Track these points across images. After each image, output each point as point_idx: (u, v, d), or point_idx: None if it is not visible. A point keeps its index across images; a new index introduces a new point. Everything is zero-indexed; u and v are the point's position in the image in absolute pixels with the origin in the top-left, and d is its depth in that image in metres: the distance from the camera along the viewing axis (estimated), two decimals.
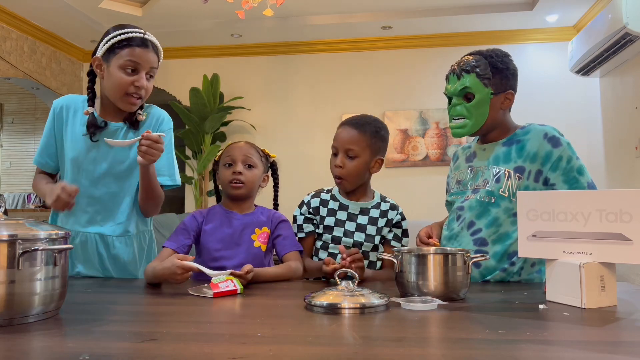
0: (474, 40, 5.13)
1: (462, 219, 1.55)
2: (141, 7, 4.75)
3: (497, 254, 1.48)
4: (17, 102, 6.97)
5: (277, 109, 5.46)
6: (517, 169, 1.49)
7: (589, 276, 1.09)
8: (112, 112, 1.61)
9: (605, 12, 3.84)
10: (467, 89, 1.53)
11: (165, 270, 1.30)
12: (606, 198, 1.11)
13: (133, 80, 1.52)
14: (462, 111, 1.55)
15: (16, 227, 0.95)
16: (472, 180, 1.57)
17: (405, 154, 5.20)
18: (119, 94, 1.53)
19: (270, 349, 0.79)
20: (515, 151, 1.52)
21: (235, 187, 1.57)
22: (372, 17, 4.83)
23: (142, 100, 1.58)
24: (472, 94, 1.53)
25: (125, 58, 1.50)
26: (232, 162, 1.58)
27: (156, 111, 1.69)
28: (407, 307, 1.07)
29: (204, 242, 1.57)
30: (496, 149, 1.56)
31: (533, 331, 0.89)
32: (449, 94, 1.58)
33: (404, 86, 5.28)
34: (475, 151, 1.64)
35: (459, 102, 1.56)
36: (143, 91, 1.54)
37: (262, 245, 1.58)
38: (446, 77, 1.61)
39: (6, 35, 4.57)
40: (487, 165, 1.55)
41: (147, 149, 1.43)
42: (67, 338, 0.88)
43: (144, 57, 1.52)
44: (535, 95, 5.04)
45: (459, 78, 1.55)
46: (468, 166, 1.62)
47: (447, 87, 1.60)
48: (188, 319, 1.01)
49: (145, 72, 1.53)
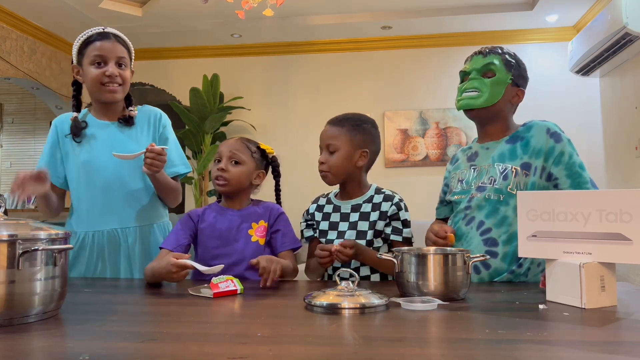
0: (474, 40, 5.13)
1: (470, 218, 1.53)
2: (141, 7, 4.75)
3: (507, 254, 1.46)
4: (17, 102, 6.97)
5: (277, 109, 5.46)
6: (523, 165, 1.49)
7: (589, 276, 1.09)
8: (104, 112, 1.68)
9: (605, 12, 3.84)
10: (491, 66, 1.56)
11: (162, 269, 1.31)
12: (606, 198, 1.11)
13: (103, 71, 1.59)
14: (478, 85, 1.56)
15: (16, 227, 0.95)
16: (476, 178, 1.56)
17: (405, 154, 5.20)
18: (95, 88, 1.61)
19: (270, 349, 0.79)
20: (520, 148, 1.51)
21: (219, 184, 1.57)
22: (372, 17, 4.83)
23: (122, 87, 1.64)
24: (494, 73, 1.56)
25: (91, 54, 1.59)
26: (219, 158, 1.59)
27: (151, 109, 1.75)
28: (407, 307, 1.07)
29: (201, 241, 1.57)
30: (500, 147, 1.55)
31: (533, 331, 0.89)
32: (469, 69, 1.59)
33: (404, 86, 5.28)
34: (477, 150, 1.63)
35: (476, 77, 1.57)
36: (118, 78, 1.61)
37: (260, 239, 1.57)
38: (465, 61, 1.62)
39: (6, 35, 4.57)
40: (491, 163, 1.54)
41: (152, 161, 1.51)
42: (67, 338, 0.88)
43: (107, 47, 1.60)
44: (535, 95, 5.03)
45: (485, 56, 1.57)
46: (470, 165, 1.61)
47: (465, 65, 1.62)
48: (188, 319, 1.01)
49: (114, 62, 1.60)
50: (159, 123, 1.73)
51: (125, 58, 1.63)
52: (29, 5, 4.44)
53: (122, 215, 1.64)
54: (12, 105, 7.01)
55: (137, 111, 1.70)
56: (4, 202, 1.05)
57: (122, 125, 1.68)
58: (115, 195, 1.63)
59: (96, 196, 1.62)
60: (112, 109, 1.68)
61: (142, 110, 1.73)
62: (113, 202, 1.63)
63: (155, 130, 1.72)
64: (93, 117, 1.68)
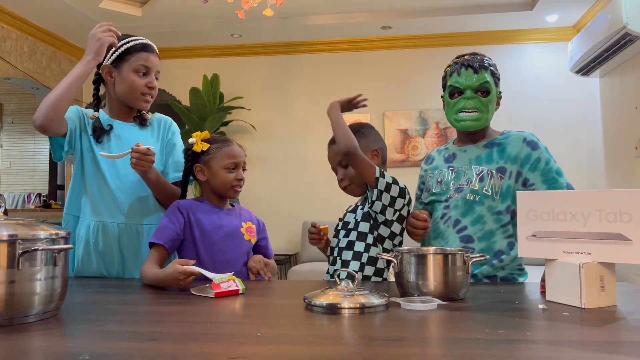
0: (474, 40, 5.13)
1: (447, 217, 1.58)
2: (141, 7, 4.75)
3: (482, 250, 1.52)
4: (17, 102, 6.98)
5: (277, 109, 5.47)
6: (499, 169, 1.55)
7: (589, 276, 1.09)
8: (122, 113, 1.74)
9: (605, 12, 3.84)
10: (486, 84, 1.57)
11: (168, 277, 1.31)
12: (606, 198, 1.11)
13: (146, 82, 1.68)
14: (477, 105, 1.58)
15: (16, 227, 0.95)
16: (454, 179, 1.61)
17: (405, 154, 5.20)
18: (134, 95, 1.68)
19: (270, 349, 0.79)
20: (496, 153, 1.58)
21: (238, 191, 1.65)
22: (372, 17, 4.83)
23: (154, 98, 1.73)
24: (488, 92, 1.58)
25: (138, 63, 1.66)
26: (236, 167, 1.63)
27: (161, 116, 1.83)
28: (407, 307, 1.07)
29: (201, 239, 1.57)
30: (477, 151, 1.61)
31: (533, 331, 0.89)
32: (464, 87, 1.59)
33: (404, 86, 5.28)
34: (455, 152, 1.67)
35: (472, 96, 1.58)
36: (155, 90, 1.71)
37: (251, 238, 1.65)
38: (452, 72, 1.62)
39: (6, 35, 4.57)
40: (468, 165, 1.60)
41: (137, 161, 1.54)
42: (67, 338, 0.88)
43: (152, 61, 1.69)
44: (535, 96, 5.04)
45: (476, 72, 1.57)
46: (448, 166, 1.65)
47: (457, 79, 1.60)
48: (188, 319, 1.01)
49: (154, 74, 1.70)
50: (168, 129, 1.80)
51: (159, 71, 1.73)
52: (29, 6, 4.44)
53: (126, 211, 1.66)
54: (12, 105, 7.02)
55: (150, 114, 1.79)
56: (4, 202, 1.05)
57: (137, 126, 1.75)
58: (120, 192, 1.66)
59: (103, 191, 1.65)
60: (131, 112, 1.75)
61: (155, 116, 1.82)
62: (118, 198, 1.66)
63: (164, 135, 1.79)
64: (106, 116, 1.72)
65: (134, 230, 1.66)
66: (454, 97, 1.62)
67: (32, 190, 6.78)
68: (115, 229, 1.64)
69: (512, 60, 5.08)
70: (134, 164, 1.55)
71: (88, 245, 1.63)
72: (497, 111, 1.65)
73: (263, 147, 5.42)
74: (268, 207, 5.22)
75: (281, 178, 5.35)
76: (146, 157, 1.55)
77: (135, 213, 1.67)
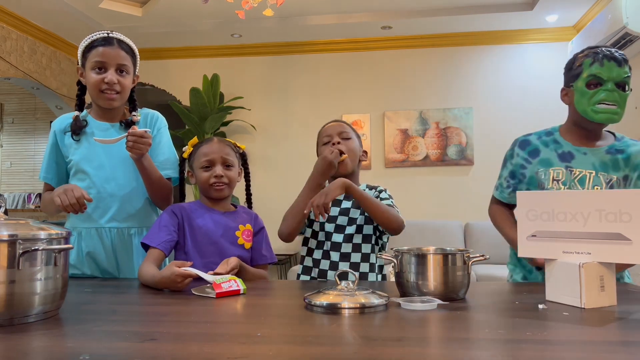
0: (474, 40, 5.13)
1: None
2: (141, 7, 4.75)
3: None
4: (17, 102, 6.97)
5: (277, 109, 5.46)
6: (624, 177, 1.54)
7: (589, 276, 1.09)
8: (104, 115, 1.69)
9: (605, 12, 3.84)
10: (627, 79, 1.51)
11: (165, 279, 1.31)
12: (606, 198, 1.11)
13: (102, 77, 1.58)
14: (617, 98, 1.51)
15: (16, 227, 0.95)
16: (578, 184, 1.54)
17: (405, 154, 5.20)
18: (94, 93, 1.61)
19: (270, 349, 0.79)
20: (622, 161, 1.55)
21: (219, 189, 1.59)
22: (372, 17, 4.83)
23: (121, 95, 1.62)
24: (627, 87, 1.52)
25: (93, 59, 1.58)
26: (210, 164, 1.59)
27: (149, 111, 1.76)
28: (407, 307, 1.07)
29: (192, 242, 1.56)
30: (600, 156, 1.56)
31: (533, 331, 0.89)
32: (606, 78, 1.50)
33: (404, 86, 5.28)
34: (572, 152, 1.59)
35: (613, 89, 1.50)
36: (116, 86, 1.59)
37: (246, 242, 1.60)
38: (593, 61, 1.52)
39: (6, 35, 4.57)
40: (594, 171, 1.54)
41: (134, 144, 1.52)
42: (67, 338, 0.88)
43: (108, 54, 1.58)
44: (535, 96, 5.04)
45: (620, 65, 1.49)
46: (566, 166, 1.57)
47: (600, 70, 1.50)
48: (188, 319, 1.01)
49: (114, 69, 1.59)
50: (154, 126, 1.73)
51: (127, 65, 1.62)
52: (29, 6, 4.44)
53: (113, 215, 1.64)
54: (12, 105, 7.02)
55: (139, 116, 1.71)
56: (4, 202, 1.05)
57: (123, 129, 1.67)
58: (108, 195, 1.63)
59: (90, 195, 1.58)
60: (113, 112, 1.69)
61: (142, 111, 1.75)
62: (106, 202, 1.63)
63: None
64: (93, 119, 1.68)
65: (126, 235, 1.65)
66: (591, 88, 1.53)
67: (32, 190, 6.77)
68: (108, 234, 1.63)
69: (512, 60, 5.08)
70: (129, 147, 1.52)
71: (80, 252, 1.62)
72: (497, 111, 1.64)
73: (263, 147, 5.42)
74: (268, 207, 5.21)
75: (281, 178, 5.34)
76: (142, 139, 1.52)
77: (127, 217, 1.65)
